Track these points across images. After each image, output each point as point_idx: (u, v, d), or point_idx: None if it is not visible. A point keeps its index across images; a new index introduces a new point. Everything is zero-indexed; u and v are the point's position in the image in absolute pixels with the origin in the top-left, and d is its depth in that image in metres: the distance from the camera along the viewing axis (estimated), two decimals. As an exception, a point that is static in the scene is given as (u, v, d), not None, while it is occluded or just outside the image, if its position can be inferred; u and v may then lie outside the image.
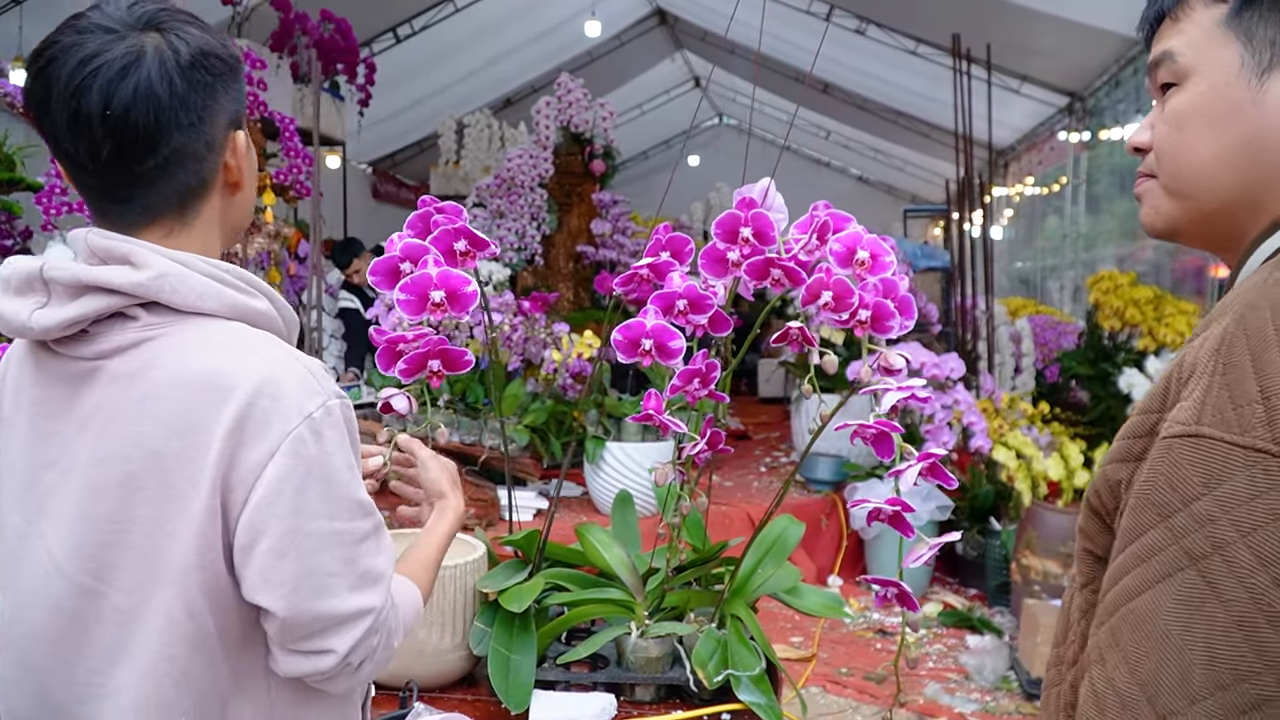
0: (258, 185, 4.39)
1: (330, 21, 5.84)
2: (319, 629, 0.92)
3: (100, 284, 0.90)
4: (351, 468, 0.94)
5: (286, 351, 0.94)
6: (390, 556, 1.00)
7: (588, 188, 6.09)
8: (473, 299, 1.37)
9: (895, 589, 1.23)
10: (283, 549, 0.89)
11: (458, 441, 3.76)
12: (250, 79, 4.33)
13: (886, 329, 1.39)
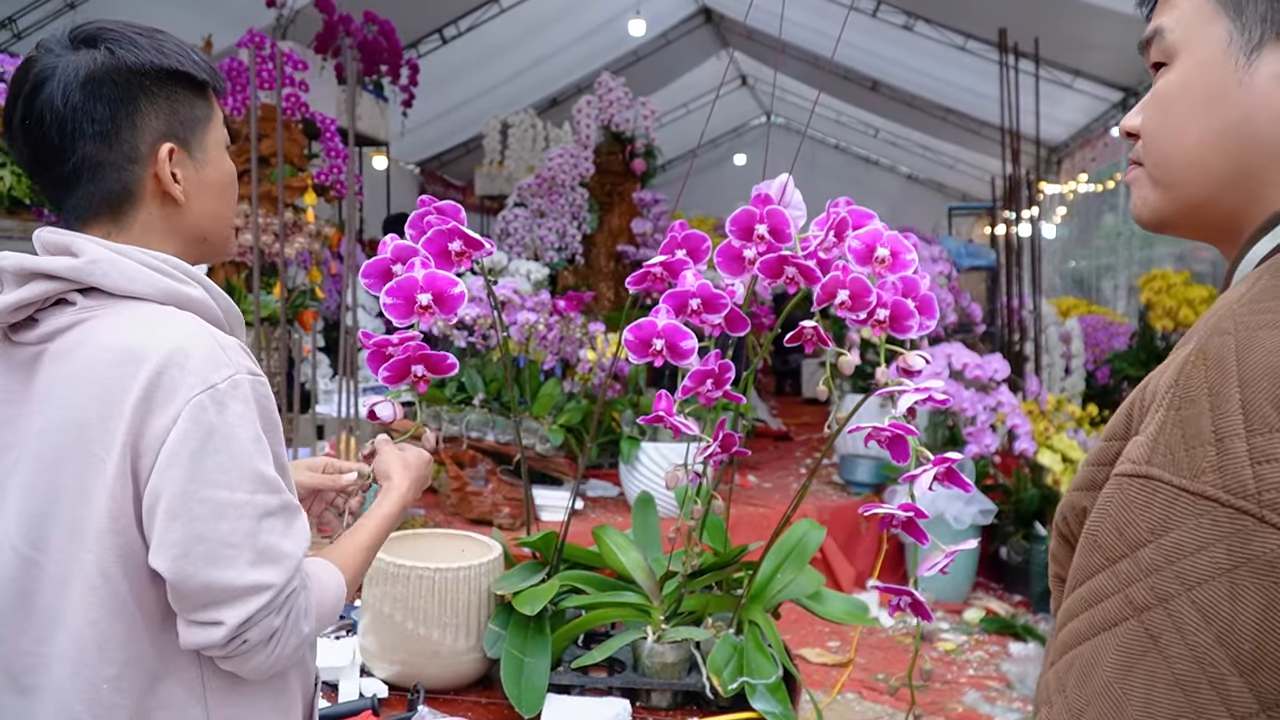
0: (300, 185, 4.42)
1: (373, 23, 5.88)
2: (211, 599, 0.93)
3: (41, 270, 0.98)
4: (257, 441, 0.96)
5: (203, 328, 0.98)
6: (300, 541, 0.99)
7: (629, 187, 6.07)
8: (460, 301, 1.34)
9: (908, 598, 1.19)
10: (175, 511, 0.92)
11: (493, 441, 3.76)
12: (291, 80, 4.37)
13: (905, 329, 1.35)
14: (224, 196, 1.11)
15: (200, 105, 1.07)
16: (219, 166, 1.10)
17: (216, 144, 1.10)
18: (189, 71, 1.05)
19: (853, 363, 1.36)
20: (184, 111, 1.06)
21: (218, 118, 1.11)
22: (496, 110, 8.62)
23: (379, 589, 1.61)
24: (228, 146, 1.13)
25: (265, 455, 0.97)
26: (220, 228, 1.12)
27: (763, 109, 14.15)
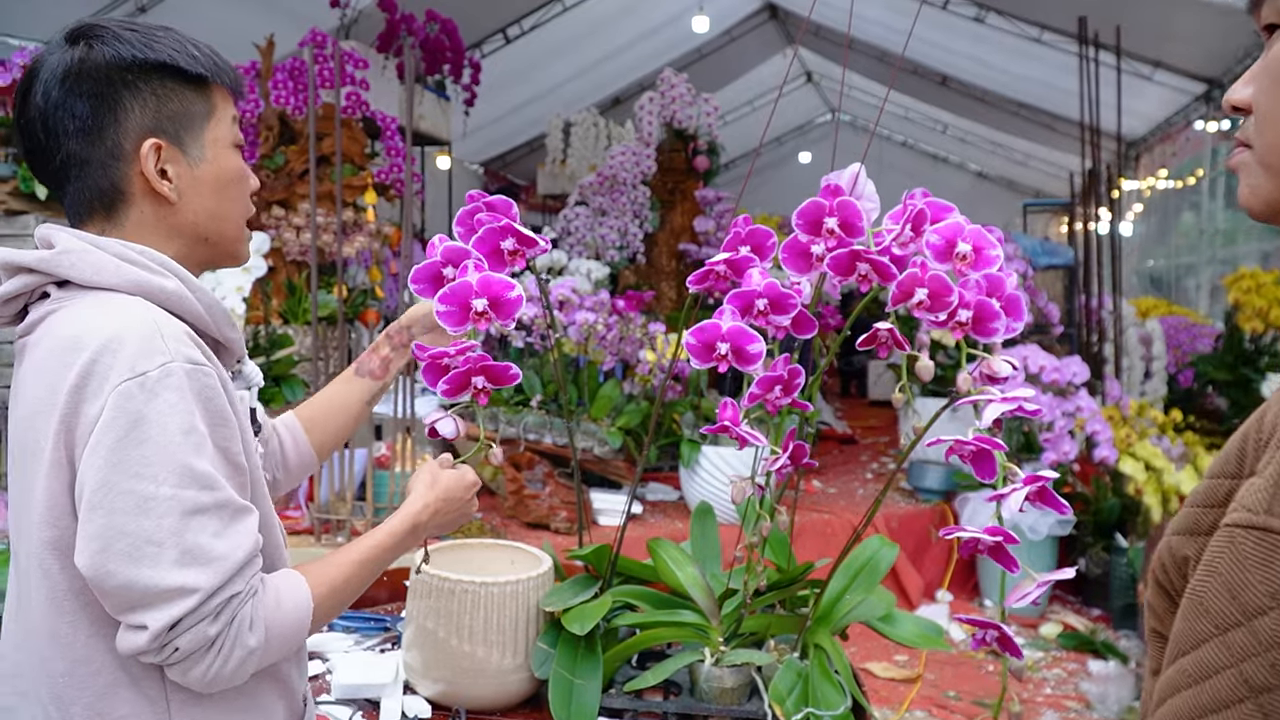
0: (361, 185, 4.38)
1: (435, 22, 5.86)
2: (133, 601, 0.88)
3: (19, 264, 0.98)
4: (189, 433, 0.91)
5: (150, 316, 0.94)
6: (241, 542, 0.93)
7: (691, 184, 5.97)
8: (518, 305, 1.25)
9: (995, 631, 1.07)
10: (95, 503, 0.88)
11: (550, 443, 3.69)
12: (351, 78, 4.35)
13: (990, 331, 1.23)
14: (224, 195, 1.06)
15: (196, 100, 1.03)
16: (218, 164, 1.05)
17: (217, 141, 1.05)
18: (180, 65, 1.00)
19: (930, 368, 1.24)
20: (174, 107, 1.02)
21: (221, 114, 1.06)
22: (559, 110, 8.59)
23: (423, 603, 1.53)
24: (237, 145, 1.08)
25: (199, 449, 0.91)
26: (222, 228, 1.07)
27: (828, 106, 13.94)
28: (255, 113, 4.38)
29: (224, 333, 1.06)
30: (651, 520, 3.85)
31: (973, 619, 1.08)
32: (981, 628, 1.08)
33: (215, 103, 1.05)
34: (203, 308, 1.02)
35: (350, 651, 1.70)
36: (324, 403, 1.39)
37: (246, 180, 1.10)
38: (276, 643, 0.96)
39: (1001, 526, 1.07)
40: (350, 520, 3.34)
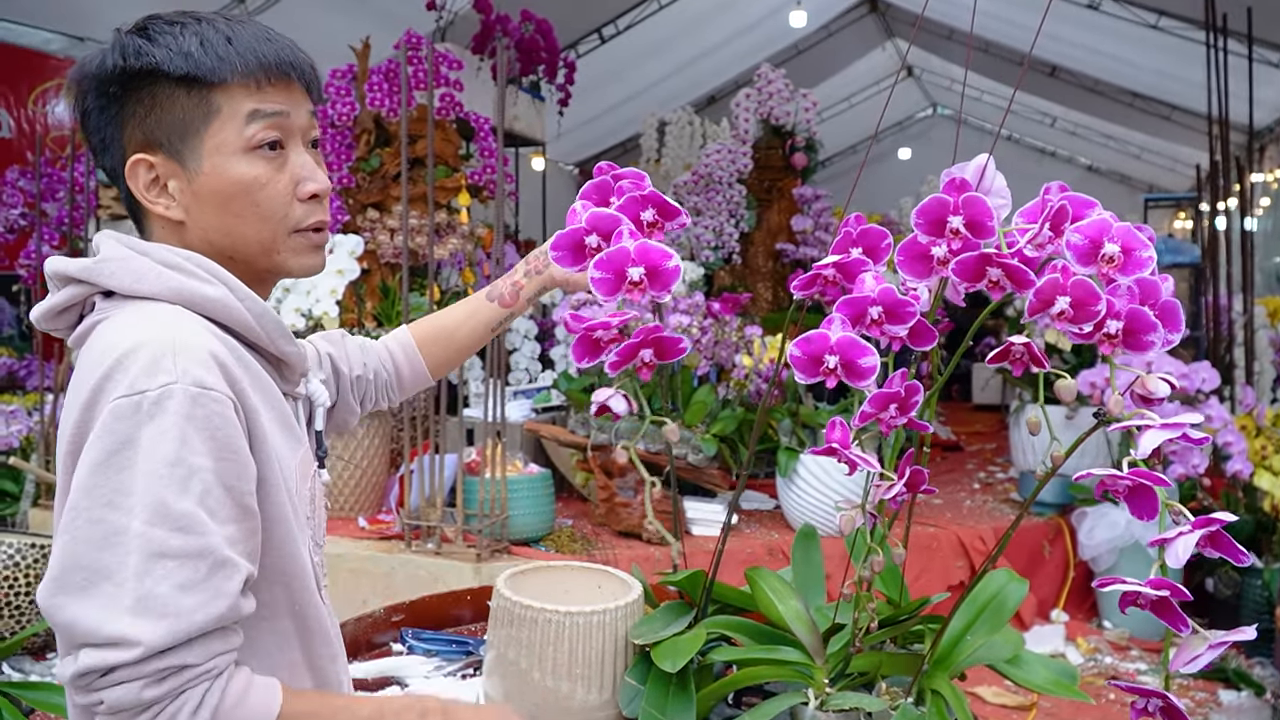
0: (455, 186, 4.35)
1: (530, 22, 5.82)
2: (79, 640, 0.79)
3: (66, 273, 0.93)
4: (176, 466, 0.80)
5: (170, 329, 0.86)
6: (211, 605, 0.81)
7: (788, 183, 5.81)
8: (675, 275, 1.19)
9: (1159, 700, 0.92)
10: (65, 526, 0.82)
11: (643, 449, 3.58)
12: (445, 80, 4.32)
13: (1144, 345, 1.07)
14: (230, 210, 0.95)
15: (189, 106, 0.93)
16: (216, 175, 0.94)
17: (219, 149, 0.94)
18: (165, 69, 0.91)
19: (1074, 387, 1.09)
20: (165, 116, 0.92)
21: (227, 116, 0.94)
22: (655, 109, 8.50)
23: (502, 630, 1.43)
24: (253, 147, 0.95)
25: (183, 486, 0.81)
26: (243, 245, 0.97)
27: (929, 100, 13.55)
28: (351, 115, 4.39)
29: (279, 346, 0.97)
30: (747, 531, 3.72)
31: (1134, 686, 0.92)
32: (1143, 695, 0.93)
33: (217, 104, 0.94)
34: (252, 318, 0.94)
35: (430, 677, 1.62)
36: (446, 322, 1.35)
37: (263, 189, 0.96)
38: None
39: (1167, 578, 0.91)
40: (440, 526, 3.29)
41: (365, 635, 1.73)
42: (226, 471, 0.84)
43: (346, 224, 4.30)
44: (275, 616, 0.93)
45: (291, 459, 0.97)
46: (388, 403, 1.32)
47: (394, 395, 1.32)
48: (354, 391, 1.25)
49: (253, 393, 0.91)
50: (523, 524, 3.38)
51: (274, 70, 0.95)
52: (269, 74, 0.95)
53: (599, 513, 3.70)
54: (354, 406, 1.26)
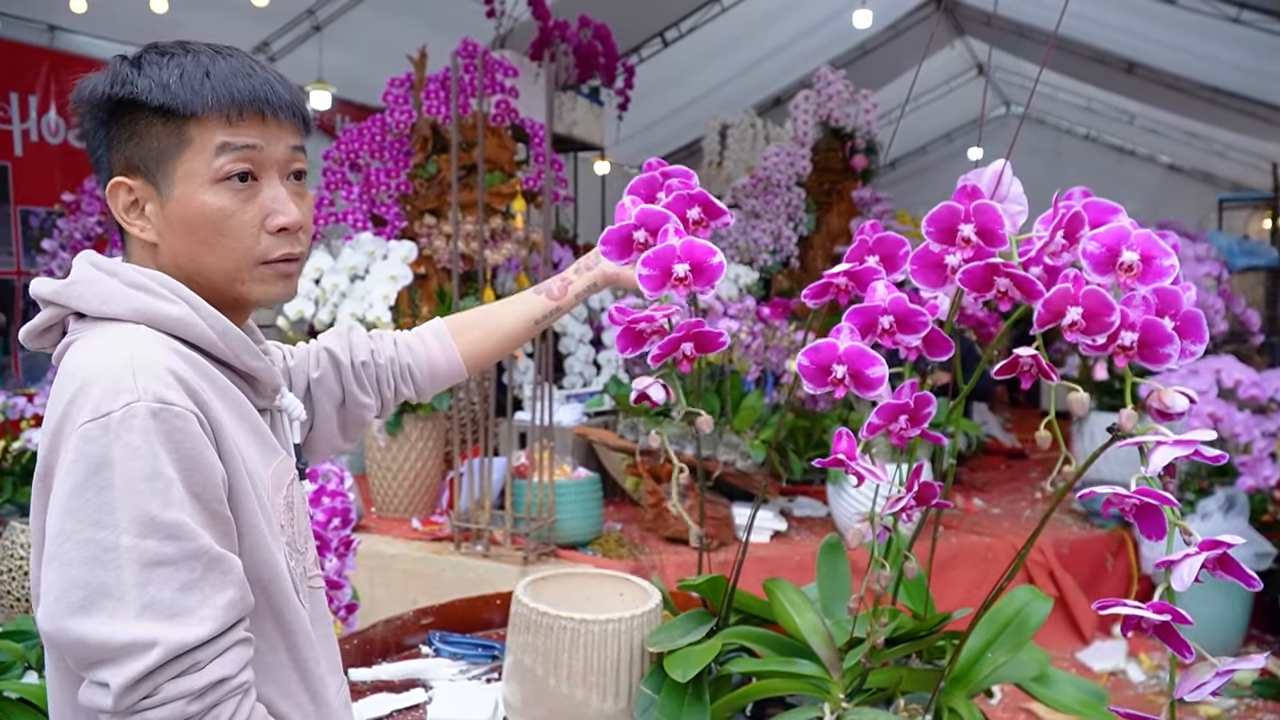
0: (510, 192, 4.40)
1: (588, 28, 5.86)
2: (90, 658, 0.81)
3: (42, 295, 0.97)
4: (153, 479, 0.83)
5: (129, 350, 0.88)
6: (219, 600, 0.85)
7: (848, 185, 5.75)
8: (719, 271, 1.25)
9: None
10: (51, 553, 0.83)
11: (691, 455, 3.57)
12: (501, 86, 4.37)
13: (1161, 357, 1.03)
14: (195, 238, 0.97)
15: (164, 135, 0.95)
16: (184, 204, 0.96)
17: (189, 177, 0.96)
18: (142, 99, 0.94)
19: (1085, 400, 1.06)
20: (148, 143, 0.96)
21: (199, 146, 0.96)
22: (717, 112, 8.48)
23: (520, 637, 1.44)
24: (223, 178, 0.97)
25: (165, 497, 0.83)
26: (202, 270, 0.99)
27: (1001, 99, 13.27)
28: (409, 123, 4.46)
29: (245, 362, 0.99)
30: (797, 538, 3.68)
31: (1134, 714, 0.89)
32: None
33: (190, 135, 0.95)
34: (215, 335, 0.96)
35: (455, 680, 1.64)
36: (487, 312, 1.37)
37: (227, 220, 0.97)
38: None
39: (1171, 604, 0.88)
40: (489, 529, 3.32)
41: (394, 637, 1.76)
42: (192, 481, 0.87)
43: (404, 230, 4.37)
44: (259, 620, 0.96)
45: (264, 469, 0.99)
46: (411, 389, 1.32)
47: (420, 381, 1.32)
48: (359, 380, 1.26)
49: (219, 406, 0.93)
50: (570, 528, 3.39)
51: (247, 105, 0.97)
52: (241, 109, 0.97)
53: (648, 518, 3.71)
54: (362, 398, 1.26)
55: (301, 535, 1.06)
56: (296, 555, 1.03)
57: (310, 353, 1.24)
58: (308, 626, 1.02)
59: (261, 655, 0.96)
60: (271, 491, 1.00)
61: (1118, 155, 12.98)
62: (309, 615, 1.05)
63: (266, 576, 0.96)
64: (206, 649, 0.84)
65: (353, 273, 3.71)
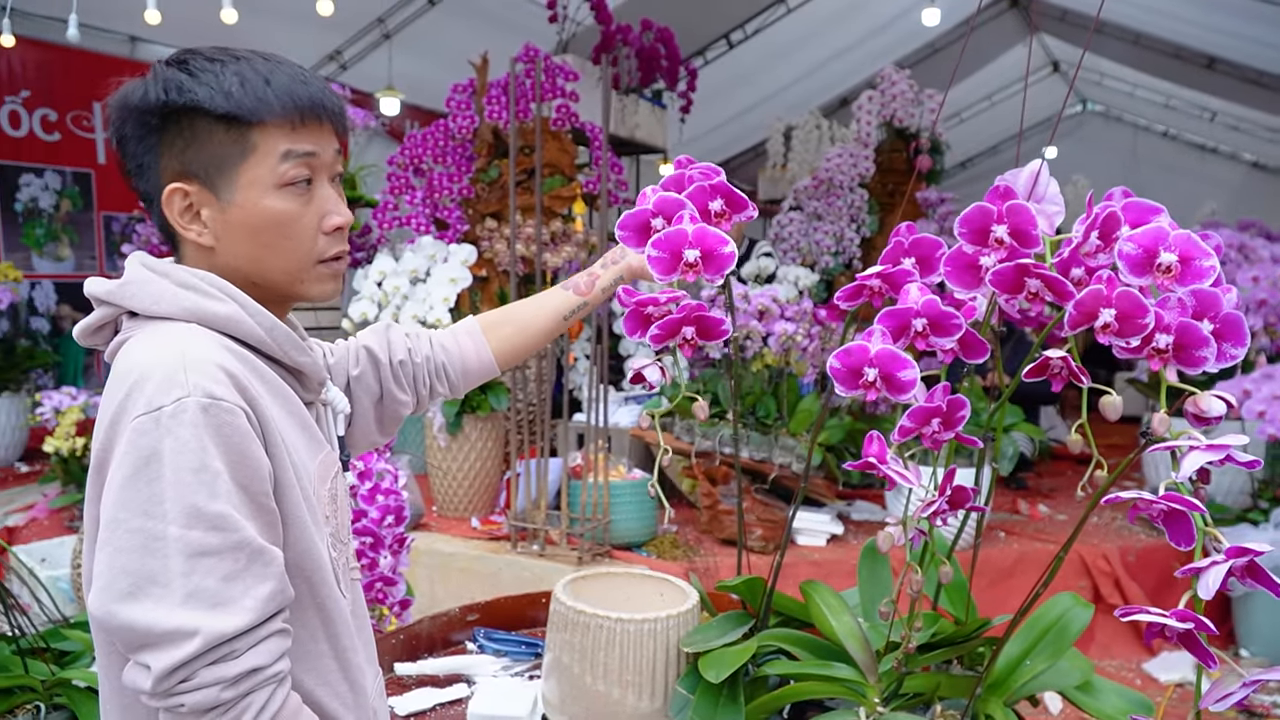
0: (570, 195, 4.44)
1: (650, 31, 5.87)
2: (136, 642, 0.85)
3: (96, 295, 1.01)
4: (201, 472, 0.86)
5: (182, 347, 0.92)
6: (259, 592, 0.88)
7: (913, 186, 5.67)
8: (730, 260, 1.25)
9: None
10: (103, 540, 0.87)
11: (747, 458, 3.57)
12: (561, 91, 4.41)
13: (1197, 361, 1.01)
14: (258, 241, 1.01)
15: (227, 142, 0.98)
16: (248, 209, 1.00)
17: (253, 183, 1.00)
18: (206, 107, 0.96)
19: (1118, 405, 1.04)
20: (207, 150, 0.98)
21: (263, 153, 1.00)
22: (783, 113, 8.43)
23: (558, 635, 1.46)
24: (286, 184, 1.01)
25: (212, 489, 0.87)
26: (263, 271, 1.03)
27: (1079, 96, 12.96)
28: (471, 128, 4.52)
29: (292, 357, 1.03)
30: (854, 542, 3.65)
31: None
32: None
33: (254, 142, 0.99)
34: (263, 331, 1.00)
35: (498, 676, 1.66)
36: (518, 308, 1.40)
37: (293, 224, 1.02)
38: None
39: (1196, 613, 0.86)
40: (544, 529, 3.36)
41: (441, 633, 1.79)
42: (240, 474, 0.90)
43: (466, 233, 4.43)
44: (301, 609, 0.99)
45: (310, 461, 1.02)
46: (446, 387, 1.36)
47: (454, 379, 1.35)
48: (398, 378, 1.30)
49: (268, 401, 0.97)
50: (625, 529, 3.41)
51: (308, 112, 1.01)
52: (303, 115, 1.01)
53: (703, 520, 3.71)
54: (399, 395, 1.30)
55: (344, 528, 1.10)
56: (339, 546, 1.07)
57: (350, 350, 1.27)
58: (348, 617, 1.06)
59: (302, 644, 0.99)
60: (317, 484, 1.03)
61: (1198, 153, 12.58)
62: (351, 606, 1.08)
63: (310, 566, 0.99)
64: (244, 638, 0.87)
65: (414, 275, 3.78)
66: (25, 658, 2.16)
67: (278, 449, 0.95)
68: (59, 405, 4.18)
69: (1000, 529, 3.87)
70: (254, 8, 5.17)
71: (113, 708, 0.99)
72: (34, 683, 2.08)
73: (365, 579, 2.17)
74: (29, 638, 2.22)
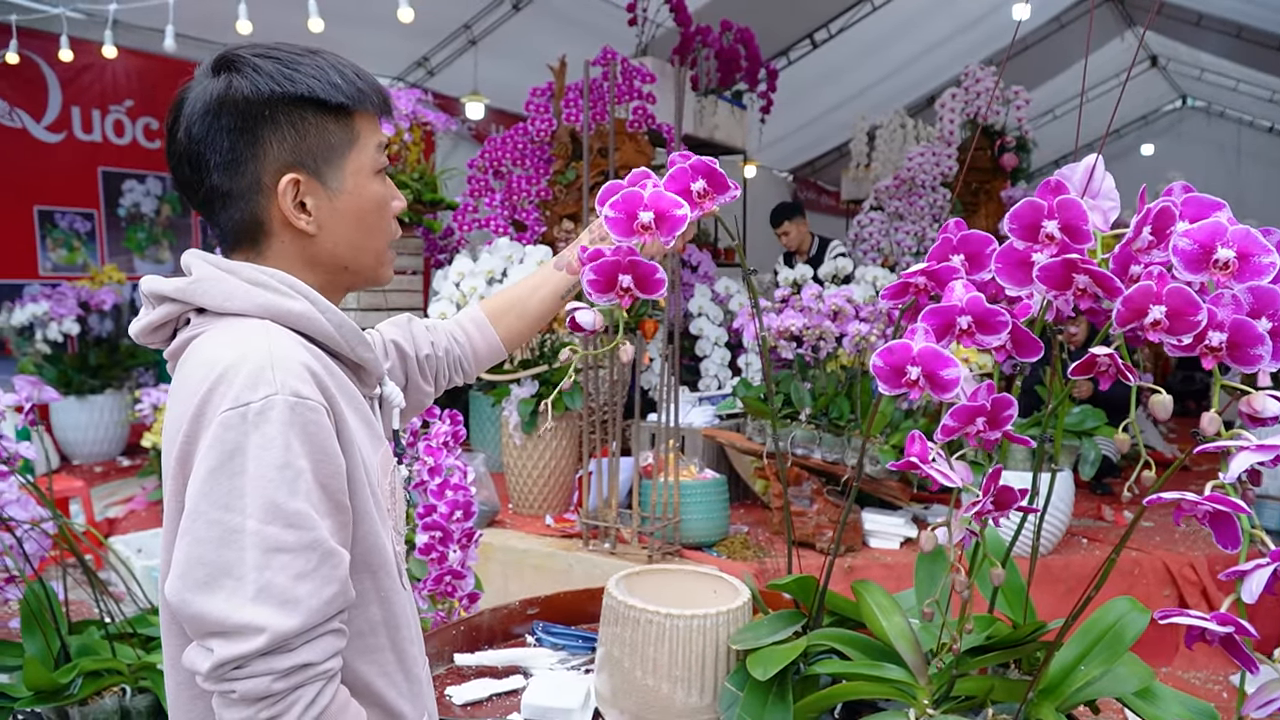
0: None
1: (730, 31, 5.87)
2: (206, 629, 0.88)
3: (161, 293, 1.02)
4: (284, 469, 0.89)
5: (266, 344, 0.94)
6: (323, 590, 0.90)
7: (997, 184, 5.56)
8: (682, 222, 1.24)
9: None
10: (185, 529, 0.89)
11: (819, 459, 3.54)
12: (637, 93, 4.44)
13: (1252, 359, 0.98)
14: (362, 226, 1.06)
15: (336, 131, 1.02)
16: (357, 195, 1.05)
17: (358, 170, 1.05)
18: (319, 96, 1.00)
19: (1168, 404, 1.01)
20: (313, 139, 1.02)
21: (365, 142, 1.05)
22: (868, 112, 8.33)
23: (610, 629, 1.48)
24: (379, 170, 1.08)
25: (293, 486, 0.89)
26: (360, 256, 1.08)
27: (1178, 92, 12.51)
28: (549, 131, 4.58)
29: (358, 353, 1.06)
30: (929, 547, 3.58)
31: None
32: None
33: (358, 131, 1.04)
34: (333, 327, 1.02)
35: (554, 669, 1.69)
36: (516, 294, 1.44)
37: (387, 207, 1.09)
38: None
39: (1238, 618, 0.84)
40: (616, 526, 3.39)
41: (501, 626, 1.83)
42: (322, 472, 0.93)
43: (543, 235, 4.50)
44: (365, 605, 1.02)
45: (374, 456, 1.05)
46: (462, 378, 1.41)
47: (468, 368, 1.41)
48: (423, 371, 1.34)
49: (340, 398, 1.00)
50: (696, 528, 3.42)
51: (387, 104, 1.09)
52: (385, 107, 1.08)
53: (775, 521, 3.69)
54: (424, 386, 1.35)
55: (401, 520, 1.13)
56: (398, 538, 1.10)
57: (378, 344, 1.31)
58: (407, 609, 1.09)
59: (364, 638, 1.02)
60: (380, 478, 1.06)
61: (1305, 148, 12.03)
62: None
63: (376, 561, 1.02)
64: (301, 635, 0.90)
65: (490, 276, 3.85)
66: (114, 642, 2.26)
67: (350, 445, 0.98)
68: (157, 402, 4.37)
69: (1083, 535, 3.77)
70: (340, 16, 5.32)
71: (184, 694, 1.01)
72: (120, 666, 2.19)
73: (434, 572, 2.23)
74: (117, 624, 2.33)
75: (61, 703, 2.12)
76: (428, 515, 2.24)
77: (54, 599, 2.29)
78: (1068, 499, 3.43)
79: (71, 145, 6.23)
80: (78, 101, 6.20)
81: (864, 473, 3.52)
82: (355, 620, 1.02)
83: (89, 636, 2.32)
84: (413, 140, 4.31)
